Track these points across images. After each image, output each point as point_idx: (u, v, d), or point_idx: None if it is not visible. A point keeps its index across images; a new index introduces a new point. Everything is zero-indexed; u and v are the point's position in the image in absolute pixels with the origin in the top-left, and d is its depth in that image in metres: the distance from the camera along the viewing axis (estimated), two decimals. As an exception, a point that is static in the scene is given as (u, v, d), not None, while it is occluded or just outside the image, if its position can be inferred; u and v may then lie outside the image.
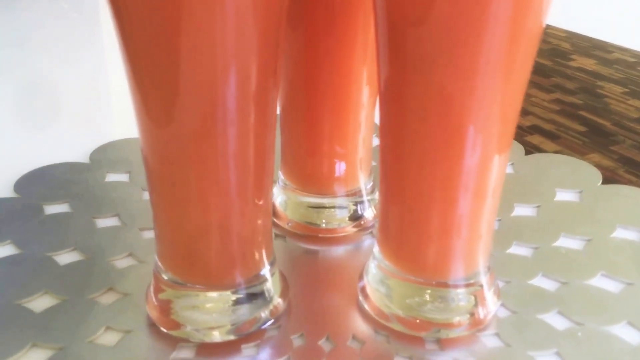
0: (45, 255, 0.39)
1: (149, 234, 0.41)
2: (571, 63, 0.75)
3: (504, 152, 0.31)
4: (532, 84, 0.67)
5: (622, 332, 0.34)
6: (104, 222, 0.42)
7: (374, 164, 0.43)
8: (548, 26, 0.89)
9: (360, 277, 0.36)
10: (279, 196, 0.43)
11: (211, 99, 0.27)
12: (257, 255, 0.33)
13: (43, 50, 0.74)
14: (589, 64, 0.75)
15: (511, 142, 0.32)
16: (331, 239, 0.41)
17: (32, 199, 0.45)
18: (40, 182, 0.47)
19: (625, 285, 0.37)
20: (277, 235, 0.41)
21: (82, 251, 0.39)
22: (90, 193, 0.45)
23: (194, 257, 0.32)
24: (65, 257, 0.39)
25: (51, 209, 0.44)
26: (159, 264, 0.33)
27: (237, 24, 0.25)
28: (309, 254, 0.40)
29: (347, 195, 0.42)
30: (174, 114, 0.28)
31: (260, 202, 0.32)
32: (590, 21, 0.91)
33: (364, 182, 0.42)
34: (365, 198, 0.42)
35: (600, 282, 0.38)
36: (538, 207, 0.45)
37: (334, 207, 0.41)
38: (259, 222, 0.32)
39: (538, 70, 0.71)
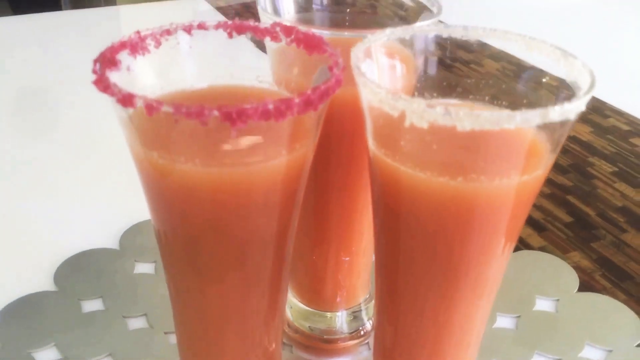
0: (85, 362, 0.45)
1: (173, 339, 0.47)
2: (567, 130, 0.79)
3: (495, 287, 0.35)
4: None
5: None
6: (134, 323, 0.48)
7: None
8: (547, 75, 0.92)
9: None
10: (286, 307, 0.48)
11: (237, 258, 0.31)
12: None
13: (71, 125, 0.79)
14: (584, 131, 0.79)
15: (501, 276, 0.35)
16: (331, 350, 0.47)
17: (70, 293, 0.50)
18: (76, 273, 0.53)
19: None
20: (284, 344, 0.47)
21: (115, 358, 0.45)
22: (121, 287, 0.51)
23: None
24: (102, 364, 0.45)
25: (87, 305, 0.50)
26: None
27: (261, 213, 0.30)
28: (312, 367, 0.46)
29: (347, 309, 0.47)
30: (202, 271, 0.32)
31: (272, 346, 0.37)
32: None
33: (363, 298, 0.48)
34: (362, 308, 0.48)
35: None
36: (518, 317, 0.51)
37: (334, 320, 0.47)
38: (272, 347, 0.37)
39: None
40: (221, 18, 1.08)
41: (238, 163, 0.27)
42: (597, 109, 0.85)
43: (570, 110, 0.26)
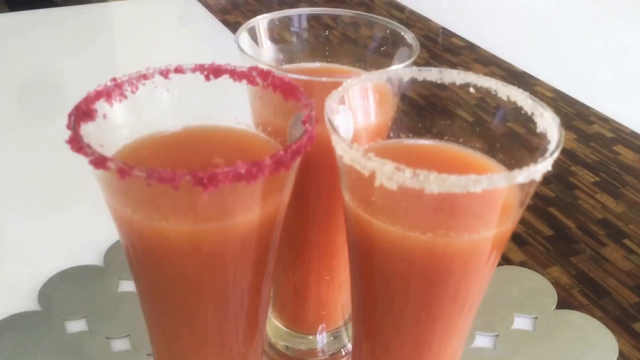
0: (69, 385, 0.46)
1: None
2: (551, 138, 0.80)
3: (472, 315, 0.35)
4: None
5: None
6: (117, 345, 0.49)
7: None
8: (536, 82, 0.93)
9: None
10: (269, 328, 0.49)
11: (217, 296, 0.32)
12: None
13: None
14: (568, 139, 0.80)
15: (476, 310, 0.35)
16: (313, 371, 0.48)
17: (54, 314, 0.51)
18: (61, 292, 0.53)
19: None
20: (266, 366, 0.48)
21: (99, 381, 0.46)
22: (105, 307, 0.52)
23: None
24: (86, 387, 0.46)
25: (71, 326, 0.50)
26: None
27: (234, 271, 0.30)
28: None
29: (328, 331, 0.48)
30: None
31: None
32: (578, 80, 0.95)
33: (342, 321, 0.49)
34: (342, 329, 0.49)
35: None
36: (496, 336, 0.52)
37: (315, 341, 0.48)
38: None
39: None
40: (209, 15, 1.08)
41: (211, 220, 0.28)
42: (581, 115, 0.85)
43: (536, 171, 0.27)
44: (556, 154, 0.28)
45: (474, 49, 1.03)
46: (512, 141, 0.33)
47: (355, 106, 0.33)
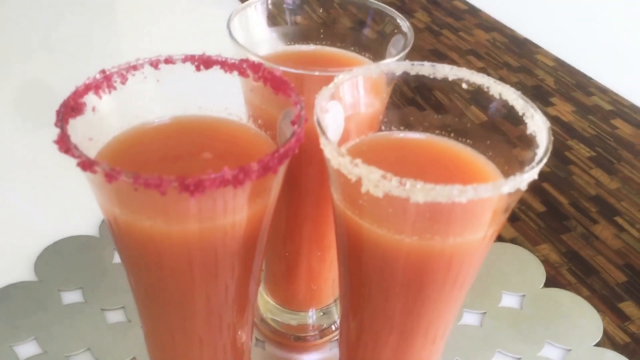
0: (64, 356, 0.47)
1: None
2: (549, 109, 0.79)
3: (459, 304, 0.35)
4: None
5: None
6: (112, 317, 0.50)
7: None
8: (538, 50, 0.92)
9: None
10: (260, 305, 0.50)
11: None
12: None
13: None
14: (566, 111, 0.79)
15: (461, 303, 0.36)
16: (304, 347, 0.49)
17: (50, 284, 0.52)
18: (57, 262, 0.54)
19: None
20: (258, 341, 0.49)
21: (94, 353, 0.47)
22: (100, 278, 0.53)
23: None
24: (81, 358, 0.47)
25: (67, 297, 0.51)
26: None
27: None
28: (283, 364, 0.48)
29: (318, 307, 0.49)
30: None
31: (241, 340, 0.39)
32: (580, 49, 0.94)
33: (333, 298, 0.49)
34: (333, 305, 0.50)
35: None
36: (483, 313, 0.53)
37: (306, 317, 0.49)
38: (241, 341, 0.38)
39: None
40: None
41: (199, 221, 0.28)
42: (581, 86, 0.84)
43: (522, 181, 0.27)
44: (543, 162, 0.28)
45: (477, 13, 1.01)
46: (502, 139, 0.33)
47: (346, 101, 0.33)
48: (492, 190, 0.26)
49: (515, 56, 0.90)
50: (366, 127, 0.35)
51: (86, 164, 0.26)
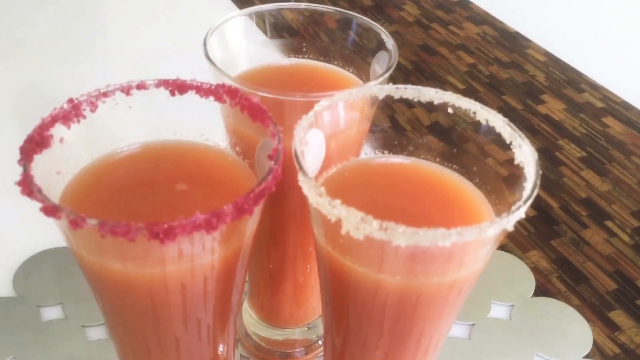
0: (44, 377, 0.46)
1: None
2: (540, 107, 0.78)
3: (445, 334, 0.35)
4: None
5: None
6: (93, 333, 0.49)
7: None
8: (529, 45, 0.90)
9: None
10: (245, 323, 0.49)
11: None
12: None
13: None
14: (557, 109, 0.78)
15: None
16: (289, 363, 0.48)
17: (29, 300, 0.51)
18: (36, 276, 0.52)
19: None
20: (242, 357, 0.48)
21: (75, 372, 0.46)
22: (81, 292, 0.51)
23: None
24: (61, 378, 0.46)
25: (47, 313, 0.50)
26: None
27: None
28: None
29: (304, 324, 0.48)
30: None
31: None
32: (571, 44, 0.92)
33: (319, 314, 0.48)
34: (319, 321, 0.49)
35: None
36: (472, 325, 0.52)
37: (292, 335, 0.48)
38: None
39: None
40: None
41: (170, 265, 0.27)
42: (572, 82, 0.83)
43: (508, 222, 0.26)
44: (531, 200, 0.27)
45: (467, 5, 0.99)
46: (489, 167, 0.32)
47: (327, 129, 0.31)
48: (478, 233, 0.25)
49: (506, 51, 0.89)
50: (348, 152, 0.34)
51: (49, 210, 0.25)
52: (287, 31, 0.41)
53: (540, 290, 0.56)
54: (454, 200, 0.33)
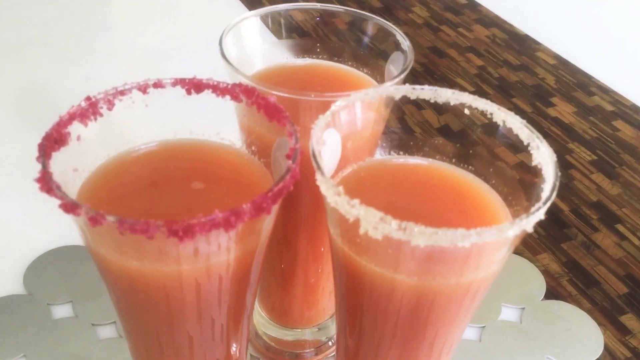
0: (54, 375, 0.46)
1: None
2: (550, 110, 0.78)
3: (460, 334, 0.35)
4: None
5: None
6: (103, 332, 0.49)
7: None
8: (539, 47, 0.90)
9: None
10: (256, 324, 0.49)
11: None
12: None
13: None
14: (567, 112, 0.78)
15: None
16: (299, 364, 0.48)
17: (39, 298, 0.51)
18: (46, 274, 0.52)
19: None
20: (252, 357, 0.48)
21: (85, 371, 0.46)
22: (91, 291, 0.51)
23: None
24: (71, 377, 0.46)
25: (57, 311, 0.50)
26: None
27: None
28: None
29: (315, 325, 0.48)
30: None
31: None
32: (581, 47, 0.92)
33: (330, 315, 0.48)
34: (330, 321, 0.49)
35: None
36: (482, 327, 0.52)
37: (303, 333, 0.48)
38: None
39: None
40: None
41: (188, 263, 0.27)
42: (582, 85, 0.83)
43: (528, 223, 0.26)
44: (551, 201, 0.27)
45: (476, 7, 0.99)
46: (505, 168, 0.32)
47: (343, 129, 0.31)
48: (497, 234, 0.25)
49: (515, 53, 0.88)
50: (364, 152, 0.34)
51: (69, 206, 0.24)
52: (300, 32, 0.40)
53: (551, 294, 0.55)
54: (470, 201, 0.33)
